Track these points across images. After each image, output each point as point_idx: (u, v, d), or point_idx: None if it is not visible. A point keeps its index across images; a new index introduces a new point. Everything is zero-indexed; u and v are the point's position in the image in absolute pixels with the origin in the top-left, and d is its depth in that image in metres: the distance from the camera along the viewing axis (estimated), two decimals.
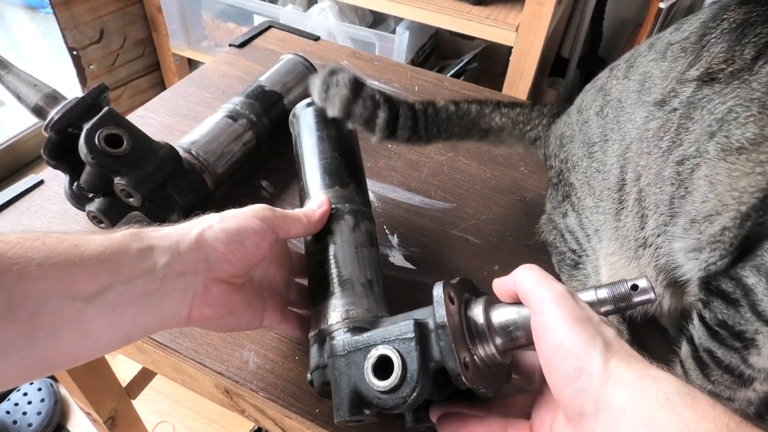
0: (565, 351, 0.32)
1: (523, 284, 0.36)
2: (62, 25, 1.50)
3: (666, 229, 0.47)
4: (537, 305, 0.35)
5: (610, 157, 0.51)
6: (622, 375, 0.30)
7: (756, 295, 0.39)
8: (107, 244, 0.36)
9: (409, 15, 1.33)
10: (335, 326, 0.43)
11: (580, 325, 0.33)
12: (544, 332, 0.33)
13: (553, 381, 0.33)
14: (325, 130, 0.57)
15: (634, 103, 0.49)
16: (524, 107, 0.63)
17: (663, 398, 0.28)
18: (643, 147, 0.48)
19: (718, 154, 0.42)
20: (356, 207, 0.51)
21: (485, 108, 0.62)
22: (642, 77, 0.50)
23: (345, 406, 0.38)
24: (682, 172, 0.45)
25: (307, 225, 0.47)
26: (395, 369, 0.37)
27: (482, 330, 0.38)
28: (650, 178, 0.48)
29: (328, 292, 0.46)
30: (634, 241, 0.50)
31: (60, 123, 0.53)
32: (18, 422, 1.17)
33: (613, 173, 0.51)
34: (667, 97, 0.47)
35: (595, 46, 1.78)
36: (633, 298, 0.36)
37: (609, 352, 0.31)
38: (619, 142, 0.50)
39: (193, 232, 0.40)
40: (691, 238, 0.45)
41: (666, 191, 0.46)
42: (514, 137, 0.62)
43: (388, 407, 0.37)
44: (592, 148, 0.53)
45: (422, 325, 0.37)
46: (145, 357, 0.56)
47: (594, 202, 0.53)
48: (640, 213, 0.49)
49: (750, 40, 0.43)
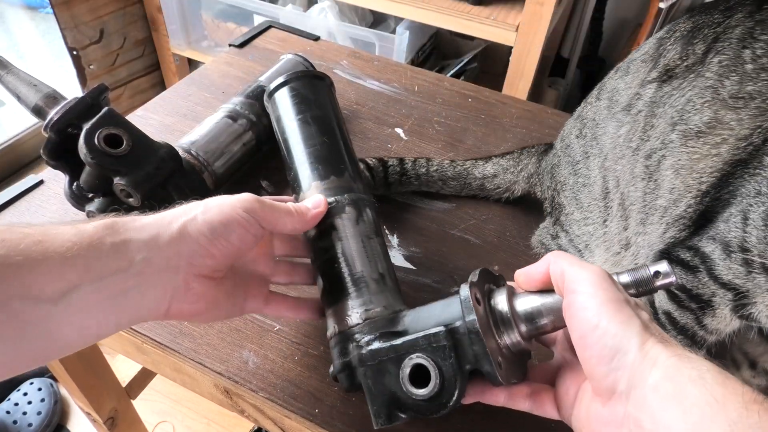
0: (601, 331, 0.33)
1: (557, 265, 0.37)
2: (62, 25, 1.50)
3: (643, 228, 0.49)
4: (573, 284, 0.35)
5: (593, 170, 0.55)
6: (657, 355, 0.31)
7: (713, 261, 0.42)
8: (76, 240, 0.34)
9: (409, 15, 1.33)
10: (356, 329, 0.43)
11: (617, 306, 0.33)
12: (580, 311, 0.34)
13: (587, 358, 0.33)
14: (308, 112, 0.53)
15: (606, 117, 0.54)
16: (513, 153, 0.68)
17: (696, 376, 0.29)
18: (617, 153, 0.52)
19: (680, 140, 0.46)
20: (356, 196, 0.49)
21: (480, 161, 0.68)
22: (610, 94, 0.55)
23: (384, 413, 0.39)
24: (650, 165, 0.49)
25: (297, 221, 0.44)
26: (432, 377, 0.37)
27: (507, 319, 0.38)
28: (626, 179, 0.51)
29: (343, 292, 0.45)
30: (618, 243, 0.53)
31: (60, 123, 0.53)
32: (18, 422, 1.17)
33: (597, 184, 0.55)
34: (632, 101, 0.52)
35: (595, 46, 1.78)
36: (655, 282, 0.37)
37: (646, 333, 0.32)
38: (598, 155, 0.54)
39: (174, 225, 0.38)
40: (661, 227, 0.48)
41: (639, 188, 0.50)
42: (508, 180, 0.66)
43: (428, 413, 0.38)
44: (576, 166, 0.57)
45: (453, 330, 0.38)
46: (145, 357, 0.56)
47: (582, 215, 0.56)
48: (624, 215, 0.52)
49: (700, 39, 0.49)
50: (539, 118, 0.84)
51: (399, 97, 0.85)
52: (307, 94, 0.54)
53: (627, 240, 0.52)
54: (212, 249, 0.39)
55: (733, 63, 0.45)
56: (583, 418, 0.35)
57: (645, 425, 0.30)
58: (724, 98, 0.45)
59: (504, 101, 0.87)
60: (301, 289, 0.56)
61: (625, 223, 0.52)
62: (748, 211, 0.40)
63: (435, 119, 0.81)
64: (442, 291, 0.58)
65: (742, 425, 0.27)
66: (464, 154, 0.76)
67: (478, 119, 0.82)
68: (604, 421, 0.33)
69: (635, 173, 0.50)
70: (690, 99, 0.47)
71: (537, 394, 0.39)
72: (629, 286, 0.37)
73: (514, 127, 0.82)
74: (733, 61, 0.45)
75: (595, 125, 0.56)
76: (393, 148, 0.76)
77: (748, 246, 0.40)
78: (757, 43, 0.44)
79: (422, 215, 0.67)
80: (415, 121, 0.81)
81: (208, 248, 0.38)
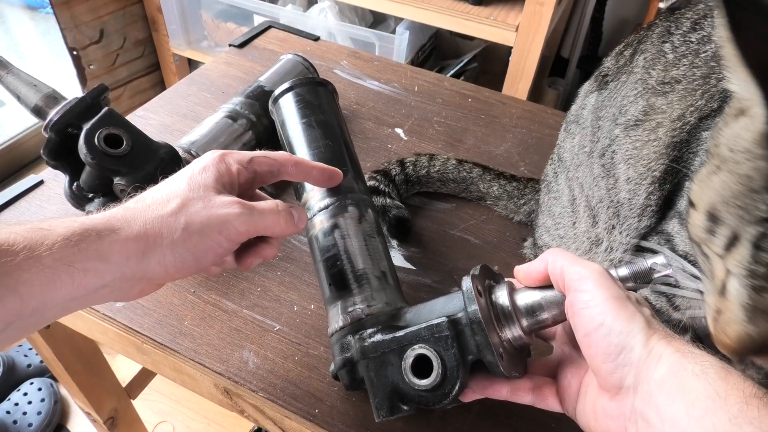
0: (606, 329, 0.33)
1: (556, 264, 0.37)
2: (62, 25, 1.50)
3: (618, 221, 0.52)
4: (574, 283, 0.35)
5: (561, 184, 0.60)
6: (661, 351, 0.32)
7: (672, 237, 0.45)
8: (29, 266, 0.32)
9: (409, 15, 1.33)
10: (358, 324, 0.43)
11: (620, 303, 0.34)
12: (583, 309, 0.34)
13: (592, 355, 0.34)
14: (312, 116, 0.55)
15: (565, 138, 0.61)
16: (520, 182, 0.70)
17: (699, 371, 0.30)
18: (576, 161, 0.57)
19: (624, 132, 0.50)
20: (358, 196, 0.51)
21: (487, 174, 0.69)
22: (568, 119, 0.61)
23: (386, 405, 0.39)
24: (606, 163, 0.52)
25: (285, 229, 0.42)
26: (435, 367, 0.38)
27: (509, 314, 0.39)
28: (588, 182, 0.55)
29: (345, 288, 0.46)
30: (587, 241, 0.56)
31: (60, 123, 0.53)
32: (18, 422, 1.17)
33: (565, 194, 0.59)
34: (579, 113, 0.58)
35: (595, 46, 1.78)
36: (652, 274, 0.37)
37: (650, 330, 0.33)
38: (563, 171, 0.60)
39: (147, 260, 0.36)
40: (635, 220, 0.50)
41: (602, 186, 0.53)
42: (510, 209, 0.68)
43: (430, 404, 0.38)
44: (549, 186, 0.63)
45: (455, 321, 0.38)
46: (145, 357, 0.56)
47: (554, 221, 0.61)
48: (591, 215, 0.55)
49: (628, 46, 0.55)
50: (539, 118, 0.84)
51: (399, 97, 0.85)
52: (311, 100, 0.56)
53: (597, 236, 0.54)
54: (180, 274, 0.38)
55: (656, 57, 0.50)
56: (590, 411, 0.36)
57: (651, 419, 0.31)
58: (653, 86, 0.49)
59: (504, 101, 0.87)
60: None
61: (593, 221, 0.55)
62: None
63: (435, 119, 0.81)
64: (442, 291, 0.59)
65: (742, 419, 0.28)
66: (464, 154, 0.76)
67: (478, 119, 0.82)
68: (612, 415, 0.34)
69: (595, 174, 0.54)
70: (626, 94, 0.51)
71: (539, 387, 0.39)
72: (627, 279, 0.38)
73: (514, 127, 0.82)
74: (655, 55, 0.50)
75: (560, 147, 0.62)
76: (393, 148, 0.76)
77: None
78: (674, 37, 0.49)
79: (422, 215, 0.67)
80: (415, 121, 0.81)
81: (174, 275, 0.38)
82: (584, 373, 0.38)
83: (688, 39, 0.48)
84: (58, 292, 0.33)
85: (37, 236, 0.33)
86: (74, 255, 0.33)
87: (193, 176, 0.40)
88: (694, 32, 0.48)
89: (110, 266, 0.35)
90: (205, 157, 0.42)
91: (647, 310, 0.36)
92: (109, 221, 0.36)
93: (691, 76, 0.47)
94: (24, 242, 0.32)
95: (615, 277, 0.38)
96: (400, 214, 0.62)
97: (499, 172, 0.70)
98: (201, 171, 0.41)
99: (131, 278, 0.36)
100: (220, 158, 0.42)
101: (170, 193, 0.39)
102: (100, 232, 0.35)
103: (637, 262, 0.38)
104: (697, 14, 0.49)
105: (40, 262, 0.32)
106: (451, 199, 0.69)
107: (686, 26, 0.49)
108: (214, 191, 0.40)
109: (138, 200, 0.39)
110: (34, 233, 0.33)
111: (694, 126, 0.45)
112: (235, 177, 0.42)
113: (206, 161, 0.41)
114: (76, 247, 0.33)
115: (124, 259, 0.35)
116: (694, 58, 0.47)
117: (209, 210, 0.38)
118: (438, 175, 0.68)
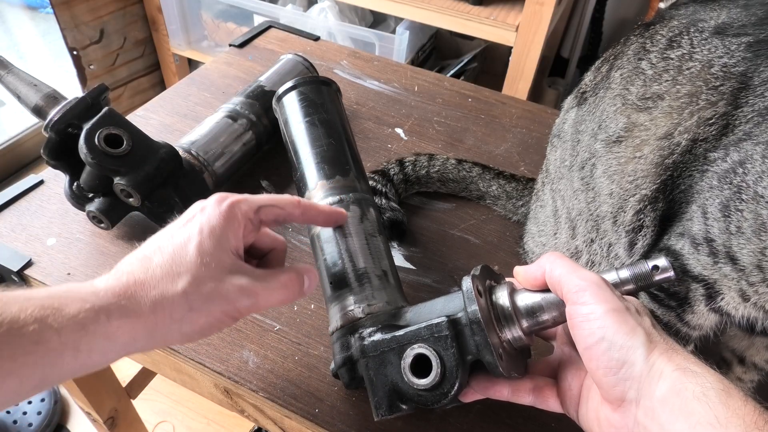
0: (607, 343, 0.33)
1: (554, 273, 0.37)
2: (62, 25, 1.50)
3: (597, 235, 0.52)
4: (573, 295, 0.35)
5: (546, 194, 0.61)
6: (662, 367, 0.32)
7: (684, 257, 0.44)
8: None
9: (409, 15, 1.33)
10: (359, 323, 0.43)
11: (621, 317, 0.34)
12: (584, 323, 0.34)
13: (594, 369, 0.34)
14: (315, 115, 0.55)
15: (550, 150, 0.62)
16: (519, 182, 0.70)
17: (700, 392, 0.30)
18: (558, 174, 0.58)
19: (605, 148, 0.50)
20: (360, 195, 0.51)
21: (486, 173, 0.69)
22: (552, 132, 0.62)
23: (384, 404, 0.39)
24: (585, 177, 0.52)
25: (289, 300, 0.42)
26: (434, 367, 0.38)
27: (509, 315, 0.39)
28: (569, 195, 0.55)
29: (346, 287, 0.46)
30: (567, 251, 0.56)
31: (60, 123, 0.53)
32: (18, 422, 1.17)
33: (549, 204, 0.60)
34: (561, 127, 0.59)
35: (595, 46, 1.78)
36: (654, 277, 0.37)
37: (651, 344, 0.33)
38: (549, 183, 0.60)
39: (153, 339, 0.36)
40: (622, 237, 0.50)
41: (581, 199, 0.53)
42: (508, 210, 0.69)
43: (429, 404, 0.38)
44: (537, 194, 0.64)
45: (455, 321, 0.38)
46: (145, 357, 0.56)
47: (538, 229, 0.62)
48: (570, 226, 0.55)
49: (604, 62, 0.55)
50: (539, 118, 0.84)
51: (399, 97, 0.85)
52: (314, 99, 0.56)
53: (576, 249, 0.55)
54: (179, 344, 0.39)
55: (633, 73, 0.49)
56: (593, 419, 0.36)
57: None
58: (633, 102, 0.48)
59: (504, 101, 0.87)
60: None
61: (573, 233, 0.55)
62: (706, 205, 0.42)
63: (435, 119, 0.81)
64: (442, 291, 0.59)
65: None
66: (464, 154, 0.76)
67: (478, 119, 0.82)
68: (615, 426, 0.34)
69: (575, 188, 0.54)
70: (604, 109, 0.51)
71: (540, 388, 0.39)
72: (628, 281, 0.38)
73: (514, 127, 0.82)
74: (632, 71, 0.50)
75: (546, 159, 0.63)
76: (393, 148, 0.76)
77: (711, 236, 0.42)
78: (651, 54, 0.49)
79: (422, 215, 0.67)
80: (415, 121, 0.81)
81: (175, 344, 0.39)
82: (584, 375, 0.38)
83: (666, 56, 0.47)
84: (60, 370, 0.33)
85: (47, 314, 0.32)
86: (82, 338, 0.33)
87: (202, 243, 0.38)
88: (671, 49, 0.47)
89: (116, 346, 0.35)
90: (213, 209, 0.39)
91: (647, 320, 0.35)
92: (119, 300, 0.35)
93: (676, 93, 0.45)
94: (33, 322, 0.32)
95: (616, 278, 0.38)
96: (395, 216, 0.62)
97: (499, 172, 0.70)
98: (210, 234, 0.38)
99: (133, 353, 0.37)
100: (229, 212, 0.39)
101: (180, 264, 0.37)
102: (111, 313, 0.34)
103: (638, 263, 0.38)
104: (672, 32, 0.48)
105: (47, 346, 0.32)
106: (451, 198, 0.69)
107: (662, 43, 0.48)
108: (226, 269, 0.38)
109: (144, 260, 0.37)
110: (44, 311, 0.32)
111: (686, 149, 0.44)
112: (242, 231, 0.40)
113: (215, 219, 0.39)
114: (84, 330, 0.33)
115: (131, 340, 0.35)
116: (676, 74, 0.46)
117: (219, 292, 0.37)
118: (438, 175, 0.68)
